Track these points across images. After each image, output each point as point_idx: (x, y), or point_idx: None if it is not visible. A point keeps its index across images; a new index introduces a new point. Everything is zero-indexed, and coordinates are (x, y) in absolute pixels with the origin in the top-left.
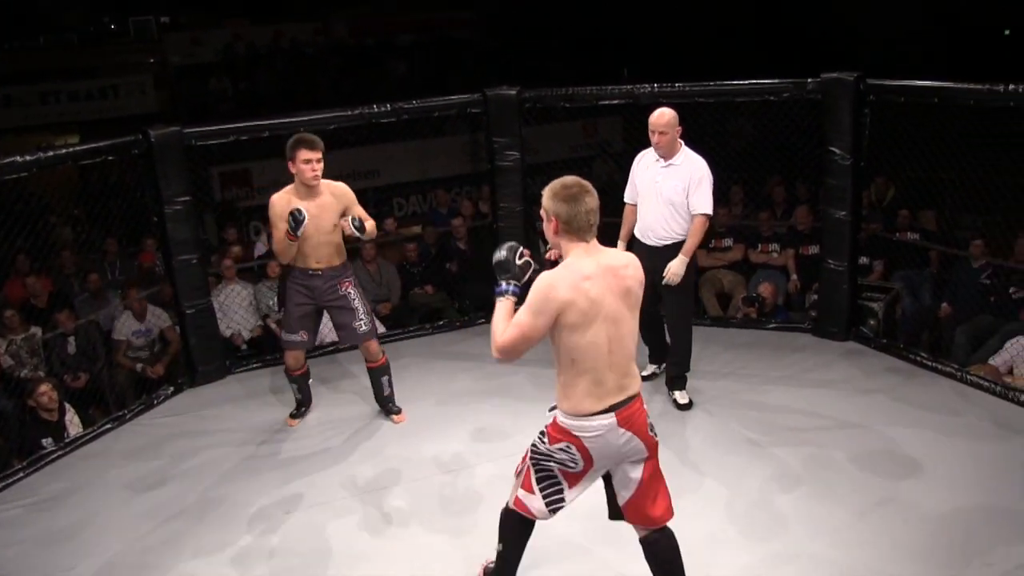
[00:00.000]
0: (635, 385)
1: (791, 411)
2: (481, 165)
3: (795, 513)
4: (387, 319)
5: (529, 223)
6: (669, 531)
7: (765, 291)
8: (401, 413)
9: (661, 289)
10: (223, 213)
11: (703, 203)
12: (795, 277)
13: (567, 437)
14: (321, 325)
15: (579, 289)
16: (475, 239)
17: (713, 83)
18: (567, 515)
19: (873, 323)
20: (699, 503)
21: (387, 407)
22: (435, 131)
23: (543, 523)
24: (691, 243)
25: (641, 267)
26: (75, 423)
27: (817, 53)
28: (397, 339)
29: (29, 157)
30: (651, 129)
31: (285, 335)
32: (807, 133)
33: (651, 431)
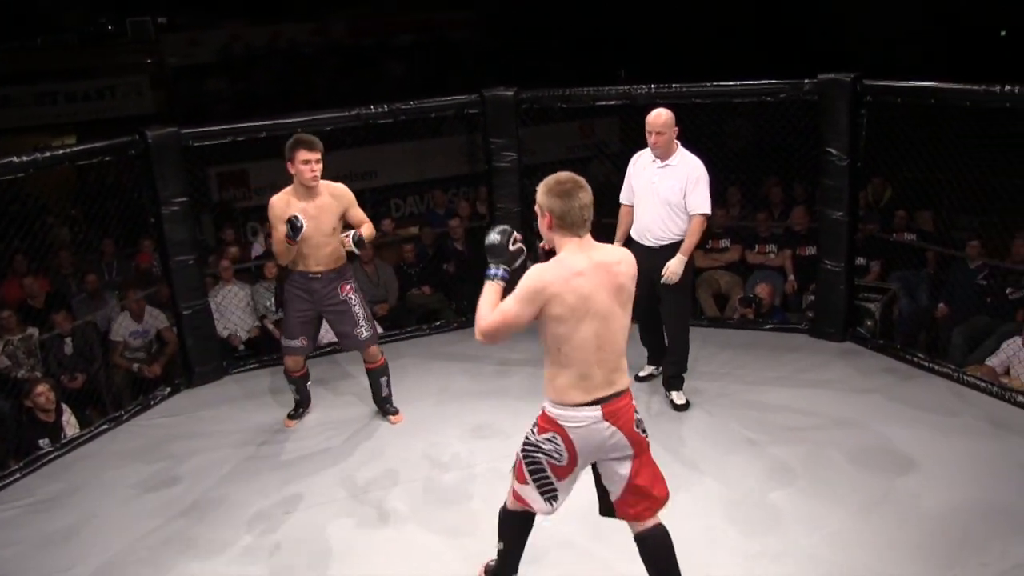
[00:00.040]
0: (624, 381)
1: (788, 411)
2: (478, 166)
3: (793, 513)
4: (384, 320)
5: (526, 224)
6: (662, 528)
7: (762, 292)
8: (399, 414)
9: (659, 289)
10: (220, 214)
11: (701, 203)
12: (792, 278)
13: (553, 427)
14: (321, 327)
15: (568, 284)
16: (472, 240)
17: (710, 84)
18: (567, 515)
19: (870, 324)
20: (697, 503)
21: (385, 408)
22: (432, 132)
23: (543, 523)
24: (689, 243)
25: (635, 263)
26: (72, 424)
27: (815, 54)
28: (395, 340)
29: (26, 158)
30: (648, 130)
31: (285, 341)
32: (804, 134)
33: (638, 428)
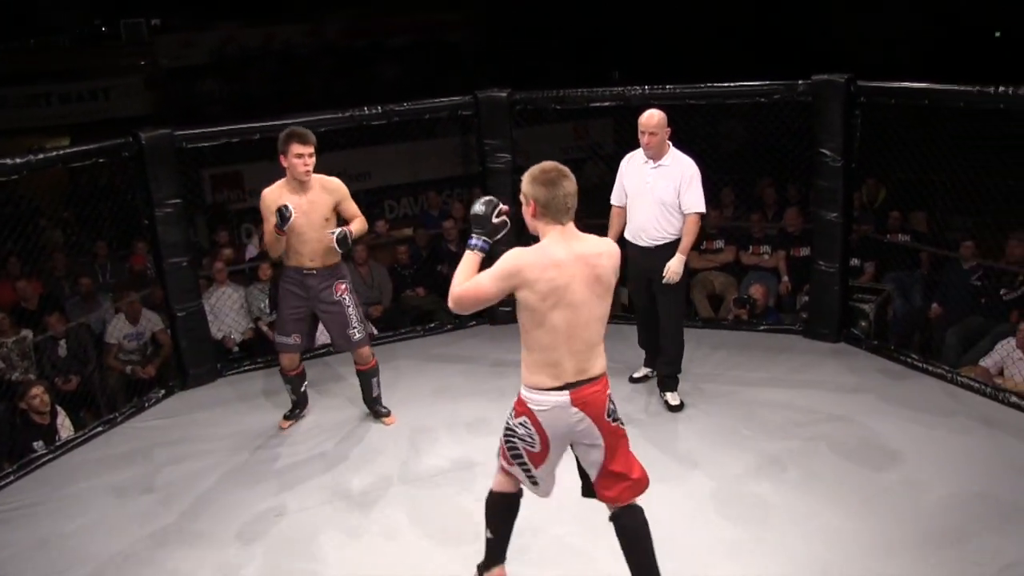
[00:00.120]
0: (596, 369)
1: (781, 411)
2: (472, 167)
3: (786, 509)
4: (379, 321)
5: (521, 224)
6: (636, 508)
7: (756, 293)
8: (391, 415)
9: (656, 289)
10: (214, 216)
11: (695, 202)
12: (786, 279)
13: (524, 410)
14: (317, 326)
15: (544, 273)
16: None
17: (704, 85)
18: (564, 516)
19: (864, 324)
20: (688, 498)
21: (375, 409)
22: (427, 133)
23: (540, 523)
24: (687, 242)
25: (618, 255)
26: (66, 426)
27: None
28: (389, 341)
29: (19, 160)
30: (641, 130)
31: (278, 337)
32: (798, 135)
33: (610, 417)
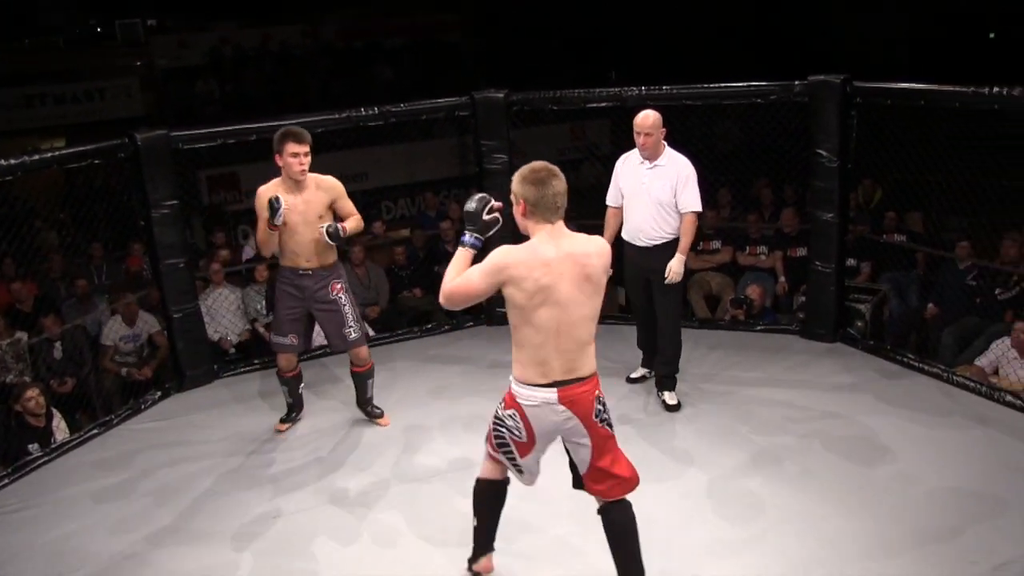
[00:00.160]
0: (586, 369)
1: (779, 412)
2: (469, 168)
3: (787, 512)
4: (375, 322)
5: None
6: (625, 503)
7: (753, 293)
8: (384, 416)
9: (654, 289)
10: (211, 217)
11: (692, 201)
12: (783, 279)
13: (513, 404)
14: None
15: (531, 271)
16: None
17: (700, 86)
18: (562, 517)
19: (860, 325)
20: (684, 497)
21: (368, 410)
22: (423, 134)
23: (538, 523)
24: (686, 242)
25: (608, 254)
26: (62, 428)
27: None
28: (386, 342)
29: (14, 161)
30: (636, 131)
31: (275, 338)
32: (794, 135)
33: (598, 418)
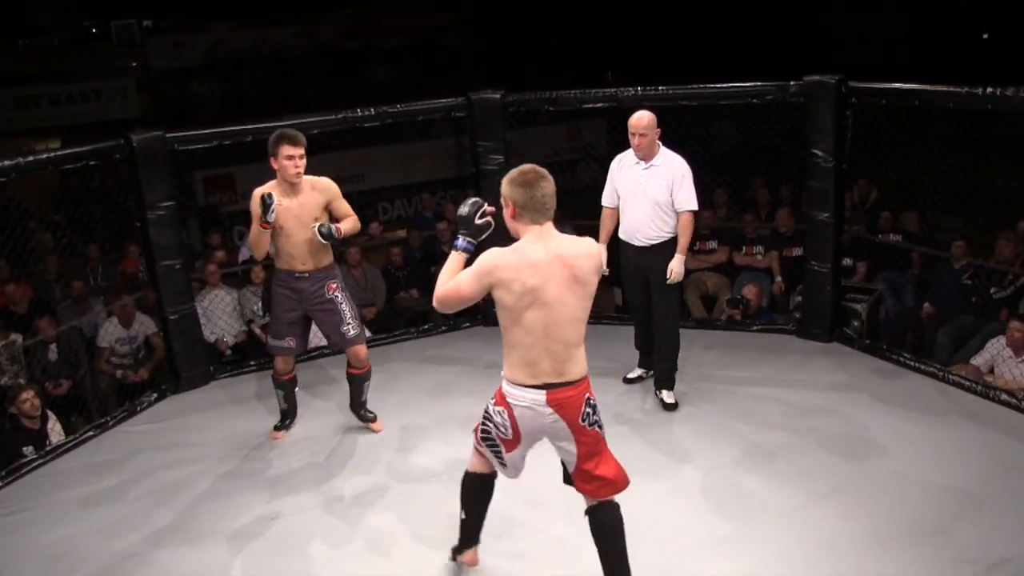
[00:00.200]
0: (575, 373)
1: (775, 411)
2: (466, 169)
3: (784, 511)
4: (372, 323)
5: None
6: (613, 505)
7: (749, 293)
8: (377, 420)
9: (653, 288)
10: (207, 218)
11: (688, 200)
12: (779, 279)
13: (503, 402)
14: (310, 329)
15: (518, 273)
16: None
17: (696, 86)
18: (557, 517)
19: (856, 324)
20: (688, 503)
21: (361, 413)
22: (420, 135)
23: (537, 523)
24: (684, 241)
25: (597, 255)
26: (57, 430)
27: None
28: (383, 343)
29: (9, 162)
30: (631, 132)
31: (272, 341)
32: (790, 136)
33: (585, 421)
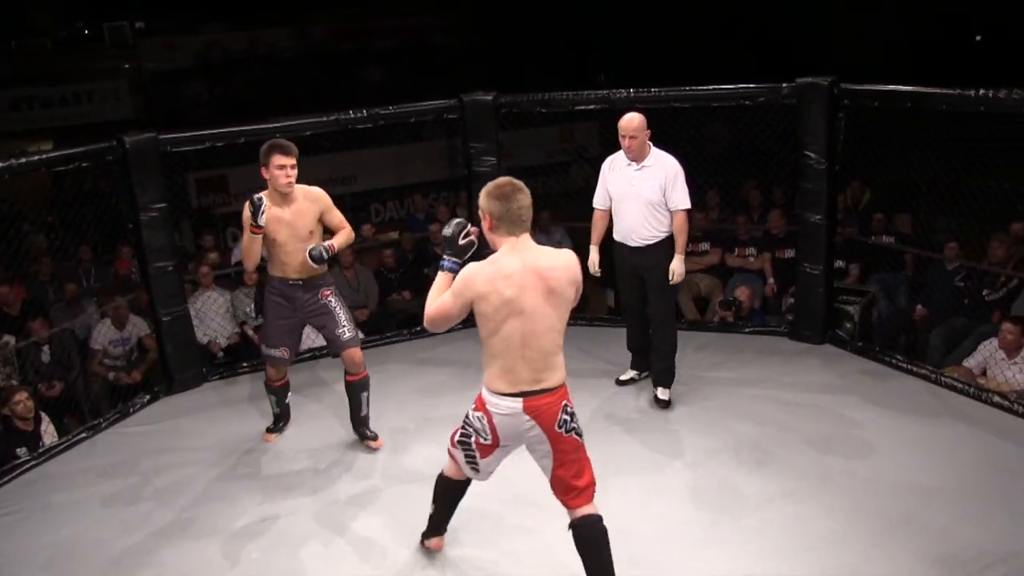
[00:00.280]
0: (552, 380)
1: (767, 414)
2: (458, 170)
3: (777, 513)
4: (365, 325)
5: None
6: (593, 518)
7: (742, 295)
8: (378, 439)
9: (648, 287)
10: (200, 220)
11: (681, 199)
12: (772, 281)
13: (483, 408)
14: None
15: (494, 285)
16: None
17: (688, 88)
18: (556, 518)
19: (849, 326)
20: (679, 506)
21: (362, 431)
22: (412, 137)
23: (532, 525)
24: (682, 241)
25: (574, 267)
26: (50, 432)
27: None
28: (375, 345)
29: (1, 163)
30: (621, 134)
31: (265, 349)
32: (782, 137)
33: (562, 428)
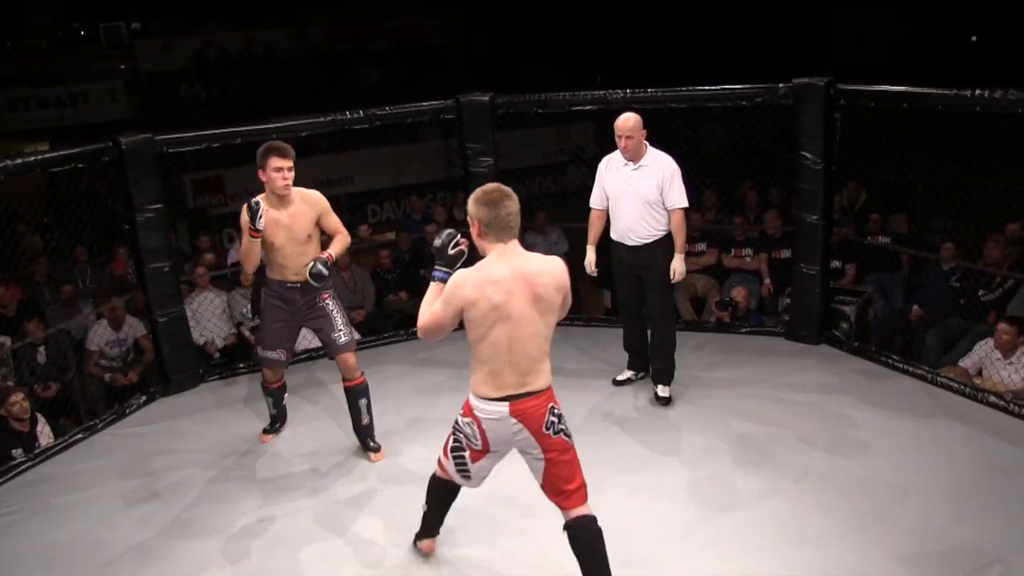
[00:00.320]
0: (538, 384)
1: (763, 415)
2: (455, 171)
3: (773, 513)
4: (362, 326)
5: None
6: (588, 519)
7: (738, 295)
8: (380, 451)
9: (646, 285)
10: (196, 220)
11: (679, 197)
12: (768, 281)
13: (471, 414)
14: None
15: (482, 291)
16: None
17: (685, 88)
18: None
19: (845, 326)
20: (678, 506)
21: (365, 441)
22: (409, 137)
23: (528, 526)
24: (681, 240)
25: (561, 274)
26: (46, 433)
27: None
28: (372, 346)
29: None
30: (617, 134)
31: (261, 351)
32: (779, 138)
33: (549, 429)
